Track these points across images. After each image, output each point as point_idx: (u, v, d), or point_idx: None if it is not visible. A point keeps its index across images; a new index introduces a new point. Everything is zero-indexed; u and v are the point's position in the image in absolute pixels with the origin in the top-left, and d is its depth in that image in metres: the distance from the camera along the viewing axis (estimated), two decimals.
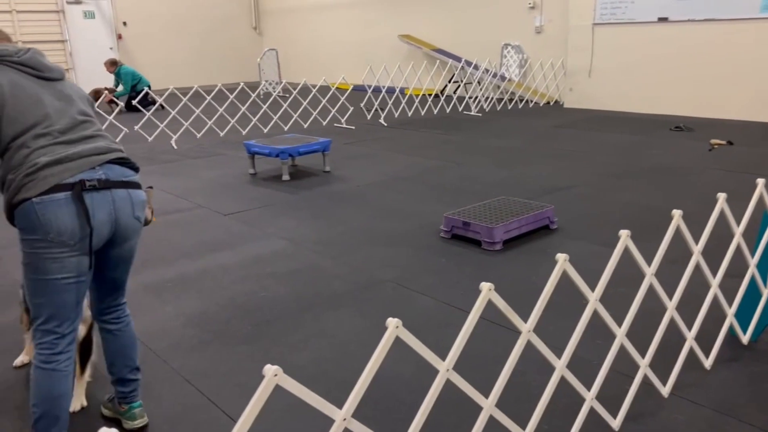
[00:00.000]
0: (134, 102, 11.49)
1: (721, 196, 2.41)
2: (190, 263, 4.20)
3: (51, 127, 2.00)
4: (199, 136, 9.12)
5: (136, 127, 9.37)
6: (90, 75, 15.10)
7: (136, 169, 2.19)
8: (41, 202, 1.92)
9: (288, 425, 2.44)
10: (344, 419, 1.42)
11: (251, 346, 3.07)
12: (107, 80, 13.06)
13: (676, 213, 2.18)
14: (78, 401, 2.58)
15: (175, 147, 8.50)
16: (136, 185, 2.16)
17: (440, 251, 4.30)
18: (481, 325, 3.15)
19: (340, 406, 1.47)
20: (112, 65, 12.35)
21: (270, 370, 1.26)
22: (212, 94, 9.84)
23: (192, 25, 17.06)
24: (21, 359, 2.94)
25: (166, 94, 9.85)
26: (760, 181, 2.55)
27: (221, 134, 9.23)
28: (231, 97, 9.49)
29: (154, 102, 11.19)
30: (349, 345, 3.05)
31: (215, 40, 17.44)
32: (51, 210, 1.93)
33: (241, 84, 10.21)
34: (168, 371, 2.86)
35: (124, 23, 15.92)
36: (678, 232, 2.29)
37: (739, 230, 2.54)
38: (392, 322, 1.47)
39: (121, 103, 11.86)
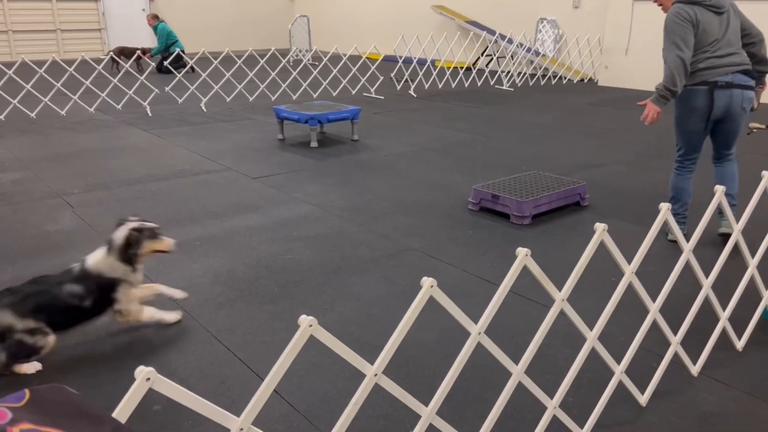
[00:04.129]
0: (166, 63, 11.53)
1: (766, 175, 2.34)
2: (218, 223, 4.23)
3: (712, 47, 3.57)
4: (228, 100, 9.13)
5: (166, 89, 9.41)
6: (121, 36, 15.16)
7: (753, 77, 3.63)
8: (693, 90, 3.64)
9: (311, 385, 2.46)
10: (375, 374, 1.42)
11: (277, 306, 3.09)
12: (139, 41, 13.11)
13: (719, 189, 2.12)
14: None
15: (205, 110, 8.53)
16: (749, 88, 3.60)
17: (468, 223, 4.27)
18: (507, 297, 3.13)
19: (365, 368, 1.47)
20: (154, 19, 12.44)
21: (305, 320, 1.26)
22: (243, 58, 9.82)
23: None
24: None
25: (197, 56, 9.85)
26: None
27: (250, 99, 9.22)
28: (261, 62, 9.45)
29: (185, 64, 11.22)
30: (374, 309, 3.06)
31: (248, 5, 17.36)
32: (695, 94, 3.64)
33: (272, 49, 10.16)
34: (195, 326, 2.90)
35: None
36: (717, 211, 2.23)
37: None
38: (427, 281, 1.45)
39: (153, 64, 11.90)
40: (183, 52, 10.83)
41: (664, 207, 1.93)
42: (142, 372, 1.07)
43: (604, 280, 3.34)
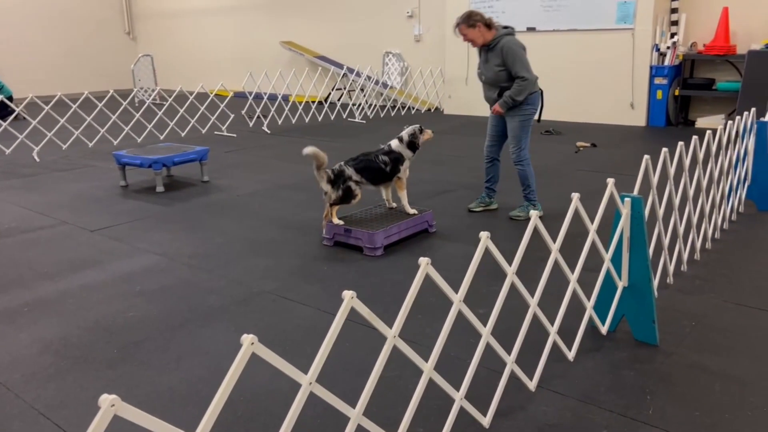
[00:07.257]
0: None
1: (575, 196, 2.55)
2: (50, 285, 3.88)
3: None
4: (65, 147, 8.51)
5: None
6: None
7: None
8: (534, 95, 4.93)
9: None
10: None
11: (116, 371, 2.86)
12: None
13: (534, 213, 2.27)
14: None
15: (38, 159, 7.88)
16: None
17: (322, 259, 4.26)
18: (360, 331, 3.14)
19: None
20: None
21: (106, 400, 1.16)
22: (78, 102, 9.22)
23: (56, 29, 15.96)
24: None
25: (26, 102, 9.11)
26: (610, 181, 2.72)
27: (90, 145, 8.66)
28: (100, 105, 8.93)
29: (12, 112, 10.32)
30: (223, 362, 2.93)
31: (83, 46, 16.42)
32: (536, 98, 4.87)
33: (111, 91, 9.64)
34: (20, 405, 2.61)
35: None
36: (536, 231, 2.39)
37: (593, 227, 2.70)
38: (247, 339, 1.40)
39: None
40: (10, 98, 9.98)
41: (484, 236, 2.04)
42: None
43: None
